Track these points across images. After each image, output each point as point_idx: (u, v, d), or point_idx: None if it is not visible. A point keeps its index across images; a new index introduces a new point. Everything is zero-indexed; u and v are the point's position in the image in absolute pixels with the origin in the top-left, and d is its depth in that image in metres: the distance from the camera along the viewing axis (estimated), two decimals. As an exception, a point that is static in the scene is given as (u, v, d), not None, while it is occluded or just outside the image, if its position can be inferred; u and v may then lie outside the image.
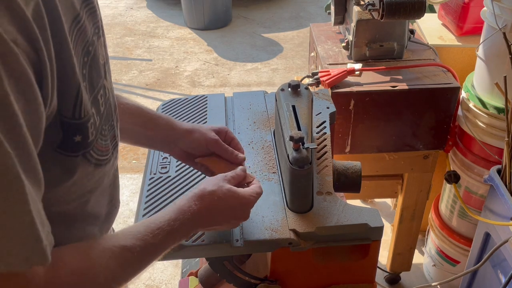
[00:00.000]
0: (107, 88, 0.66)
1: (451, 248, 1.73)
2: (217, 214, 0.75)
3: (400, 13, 1.33)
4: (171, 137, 0.91)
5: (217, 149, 0.91)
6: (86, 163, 0.60)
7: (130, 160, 2.75)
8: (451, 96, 1.42)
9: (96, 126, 0.60)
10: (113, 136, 0.69)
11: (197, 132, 0.91)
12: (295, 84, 1.05)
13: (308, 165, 0.86)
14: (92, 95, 0.60)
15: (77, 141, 0.56)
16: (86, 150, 0.59)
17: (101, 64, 0.64)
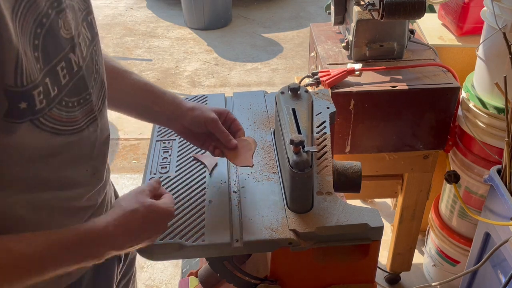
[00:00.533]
0: (75, 62, 0.67)
1: (451, 248, 1.73)
2: (140, 233, 0.75)
3: (400, 13, 1.33)
4: (175, 114, 0.95)
5: (214, 128, 0.93)
6: (35, 129, 0.61)
7: (130, 160, 2.75)
8: (451, 96, 1.42)
9: (50, 96, 0.62)
10: (89, 110, 0.71)
11: (198, 110, 0.94)
12: (295, 87, 1.05)
13: (308, 168, 0.86)
14: (48, 66, 0.62)
15: (23, 108, 0.58)
16: (34, 117, 0.60)
17: (63, 37, 0.64)
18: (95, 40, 0.74)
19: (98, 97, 0.74)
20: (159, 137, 1.13)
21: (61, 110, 0.65)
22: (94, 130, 0.73)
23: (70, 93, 0.66)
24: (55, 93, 0.63)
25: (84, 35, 0.70)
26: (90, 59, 0.71)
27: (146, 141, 2.85)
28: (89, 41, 0.72)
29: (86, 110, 0.70)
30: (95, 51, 0.74)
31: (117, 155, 2.80)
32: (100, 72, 0.75)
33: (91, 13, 0.73)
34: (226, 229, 0.89)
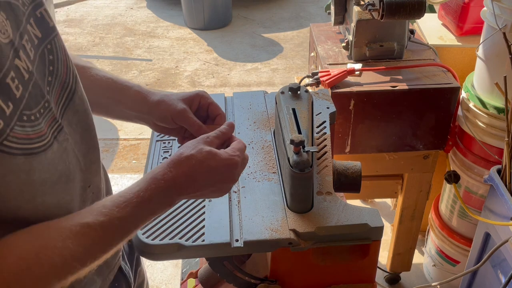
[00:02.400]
0: (24, 69, 0.57)
1: (451, 248, 1.73)
2: (198, 178, 0.69)
3: (400, 13, 1.33)
4: (142, 111, 0.85)
5: (183, 122, 0.83)
6: (5, 156, 0.53)
7: (130, 160, 2.76)
8: (451, 96, 1.42)
9: (6, 114, 0.53)
10: (52, 119, 0.62)
11: (164, 103, 0.84)
12: (295, 87, 1.05)
13: (308, 168, 0.86)
14: None
15: None
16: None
17: (2, 43, 0.54)
18: (50, 37, 0.64)
19: (58, 103, 0.64)
20: (159, 137, 1.13)
21: (24, 126, 0.56)
22: (64, 139, 0.63)
23: (28, 105, 0.57)
24: (11, 110, 0.54)
25: (31, 33, 0.60)
26: (40, 61, 0.61)
27: (146, 141, 2.85)
28: (39, 39, 0.62)
29: (49, 119, 0.61)
30: (48, 49, 0.63)
31: (117, 155, 2.80)
32: (58, 74, 0.64)
33: (41, 4, 0.63)
34: (226, 229, 0.89)
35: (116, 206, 0.62)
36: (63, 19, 4.51)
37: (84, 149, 0.68)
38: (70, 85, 0.67)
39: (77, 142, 0.66)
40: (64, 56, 0.66)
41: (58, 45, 0.65)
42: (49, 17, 0.64)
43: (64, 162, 0.62)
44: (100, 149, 0.74)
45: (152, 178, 0.67)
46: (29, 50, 0.59)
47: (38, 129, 0.58)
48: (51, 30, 0.64)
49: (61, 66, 0.65)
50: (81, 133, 0.68)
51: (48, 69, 0.62)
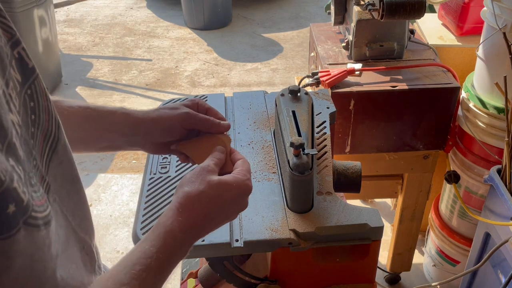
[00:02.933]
0: (16, 123, 0.49)
1: (451, 248, 1.73)
2: (214, 215, 0.64)
3: (400, 13, 1.33)
4: (137, 132, 0.77)
5: (193, 123, 0.76)
6: (34, 230, 0.46)
7: (130, 160, 2.76)
8: (451, 96, 1.42)
9: (23, 180, 0.46)
10: (41, 178, 0.53)
11: (165, 115, 0.77)
12: (295, 89, 1.05)
13: (308, 171, 0.86)
14: (5, 144, 0.45)
15: (12, 212, 0.42)
16: (26, 216, 0.44)
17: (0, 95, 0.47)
18: (30, 80, 0.54)
19: (42, 156, 0.55)
20: (159, 137, 1.13)
21: (36, 192, 0.48)
22: (53, 200, 0.55)
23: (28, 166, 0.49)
24: (23, 174, 0.46)
25: (14, 79, 0.51)
26: (24, 110, 0.52)
27: (146, 141, 2.84)
28: (20, 84, 0.52)
29: (39, 177, 0.52)
30: (29, 95, 0.53)
31: (117, 155, 2.80)
32: (40, 123, 0.55)
33: (18, 43, 0.53)
34: (226, 229, 0.89)
35: (136, 278, 0.55)
36: (63, 19, 4.51)
37: (72, 206, 0.59)
38: (53, 134, 0.57)
39: (64, 199, 0.57)
40: (45, 100, 0.56)
41: (39, 88, 0.55)
42: (27, 56, 0.54)
43: (61, 226, 0.55)
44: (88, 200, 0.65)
45: (167, 232, 0.60)
46: (14, 100, 0.50)
47: (41, 194, 0.50)
48: (31, 72, 0.54)
49: (42, 113, 0.56)
50: (67, 188, 0.59)
51: (30, 118, 0.53)
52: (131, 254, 0.58)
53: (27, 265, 0.45)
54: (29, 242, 0.45)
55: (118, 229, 2.31)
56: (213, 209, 0.64)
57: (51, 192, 0.55)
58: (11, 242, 0.42)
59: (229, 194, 0.65)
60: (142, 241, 0.60)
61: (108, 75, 3.62)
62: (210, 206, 0.63)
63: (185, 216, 0.61)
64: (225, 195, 0.64)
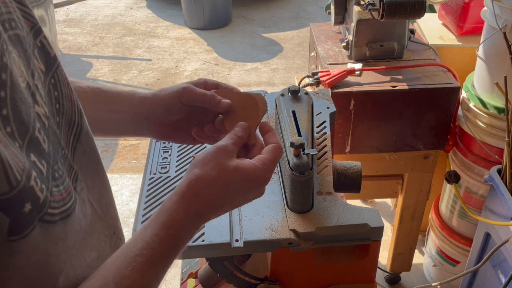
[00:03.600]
0: (43, 115, 0.48)
1: (451, 248, 1.73)
2: (224, 204, 0.60)
3: (400, 13, 1.33)
4: (142, 110, 0.73)
5: (190, 98, 0.71)
6: (48, 228, 0.45)
7: (130, 160, 2.75)
8: (451, 96, 1.42)
9: (44, 175, 0.45)
10: (69, 167, 0.53)
11: (166, 90, 0.73)
12: (295, 89, 1.05)
13: (308, 171, 0.86)
14: (26, 139, 0.44)
15: (28, 210, 0.42)
16: (42, 214, 0.44)
17: (23, 88, 0.45)
18: (53, 69, 0.54)
19: (67, 145, 0.54)
20: (159, 137, 1.13)
21: (58, 186, 0.48)
22: (81, 189, 0.55)
23: (55, 158, 0.49)
24: (46, 169, 0.46)
25: (38, 69, 0.50)
26: (48, 100, 0.51)
27: (146, 141, 2.85)
28: (44, 74, 0.52)
29: (67, 168, 0.52)
30: (53, 84, 0.53)
31: (117, 155, 2.80)
32: (65, 112, 0.54)
33: (40, 31, 0.52)
34: (226, 229, 0.89)
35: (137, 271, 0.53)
36: (63, 19, 4.51)
37: (97, 193, 0.59)
38: (77, 123, 0.57)
39: (89, 187, 0.57)
40: (68, 89, 0.56)
41: (61, 77, 0.55)
42: (49, 45, 0.54)
43: (85, 215, 0.54)
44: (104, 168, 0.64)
45: (172, 220, 0.56)
46: (41, 90, 0.50)
47: (67, 185, 0.50)
48: (53, 61, 0.54)
49: (66, 102, 0.55)
50: (91, 176, 0.58)
51: (55, 108, 0.53)
52: (134, 243, 0.55)
53: (42, 260, 0.45)
54: (43, 238, 0.44)
55: (118, 229, 2.30)
56: (223, 196, 0.59)
57: (78, 180, 0.54)
58: (26, 240, 0.42)
59: (243, 184, 0.60)
60: (145, 226, 0.57)
61: (108, 75, 3.62)
62: (221, 193, 0.59)
63: (192, 203, 0.57)
64: (239, 184, 0.60)
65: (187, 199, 0.57)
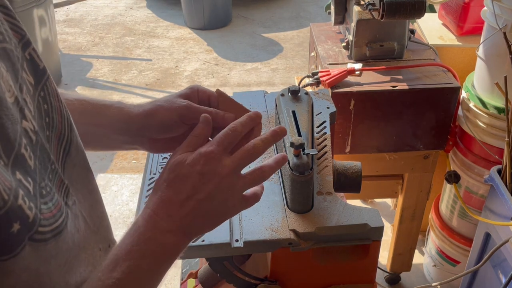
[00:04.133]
0: (31, 130, 0.47)
1: (451, 248, 1.73)
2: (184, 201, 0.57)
3: (400, 13, 1.33)
4: (130, 128, 0.70)
5: (194, 117, 0.67)
6: (40, 245, 0.44)
7: (130, 160, 2.75)
8: (451, 96, 1.42)
9: (31, 193, 0.44)
10: (60, 182, 0.52)
11: (162, 108, 0.69)
12: (295, 89, 1.05)
13: (308, 171, 0.86)
14: (12, 157, 0.43)
15: (17, 230, 0.41)
16: (32, 232, 0.43)
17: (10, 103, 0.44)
18: (42, 81, 0.52)
19: (57, 159, 0.53)
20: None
21: (47, 203, 0.47)
22: (73, 203, 0.54)
23: (41, 175, 0.47)
24: (33, 186, 0.45)
25: (27, 82, 0.49)
26: (38, 113, 0.50)
27: (146, 141, 2.84)
28: (33, 86, 0.50)
29: (57, 184, 0.51)
30: (42, 98, 0.52)
31: (117, 155, 2.80)
32: (54, 125, 0.53)
33: (29, 43, 0.51)
34: (226, 229, 0.89)
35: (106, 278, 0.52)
36: (63, 19, 4.51)
37: (88, 207, 0.58)
38: (66, 136, 0.56)
39: (80, 201, 0.56)
40: (57, 101, 0.54)
41: (51, 89, 0.54)
42: (38, 57, 0.52)
43: (78, 230, 0.53)
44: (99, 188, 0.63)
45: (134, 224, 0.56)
46: (29, 104, 0.48)
47: (56, 201, 0.49)
48: (42, 73, 0.53)
49: (55, 115, 0.54)
50: (82, 190, 0.58)
51: (44, 121, 0.52)
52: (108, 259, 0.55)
53: (33, 280, 0.44)
54: (34, 257, 0.44)
55: (118, 229, 2.30)
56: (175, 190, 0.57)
57: (70, 195, 0.53)
58: (17, 260, 0.42)
59: (185, 168, 0.57)
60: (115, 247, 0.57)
61: (108, 75, 3.62)
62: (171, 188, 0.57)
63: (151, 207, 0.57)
64: (182, 171, 0.57)
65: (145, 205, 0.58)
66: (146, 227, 0.56)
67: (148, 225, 0.56)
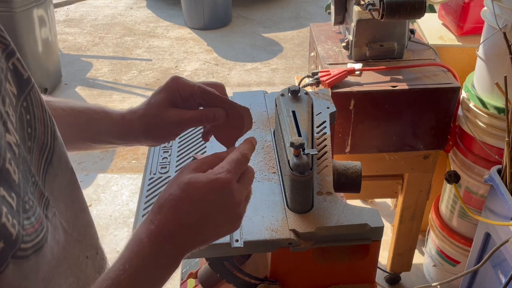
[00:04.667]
0: (14, 144, 0.46)
1: (451, 248, 1.73)
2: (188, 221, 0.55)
3: (400, 13, 1.33)
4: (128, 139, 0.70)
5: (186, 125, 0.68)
6: (23, 262, 0.44)
7: (130, 160, 2.75)
8: (451, 96, 1.42)
9: (14, 209, 0.43)
10: (40, 194, 0.50)
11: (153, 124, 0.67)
12: (295, 89, 1.05)
13: (308, 171, 0.86)
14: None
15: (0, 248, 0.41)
16: (15, 250, 0.42)
17: None
18: (26, 91, 0.51)
19: (39, 170, 0.52)
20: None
21: (29, 218, 0.46)
22: (53, 215, 0.52)
23: (25, 189, 0.46)
24: (16, 202, 0.44)
25: (9, 93, 0.48)
26: (20, 125, 0.49)
27: (146, 141, 2.84)
28: (16, 97, 0.49)
29: (37, 197, 0.50)
30: (25, 108, 0.51)
31: (117, 155, 2.80)
32: (36, 135, 0.52)
33: (13, 53, 0.50)
34: (226, 229, 0.89)
35: None
36: (63, 19, 4.51)
37: (72, 216, 0.57)
38: (49, 145, 0.54)
39: (62, 211, 0.55)
40: (41, 111, 0.53)
41: (34, 99, 0.52)
42: (22, 67, 0.51)
43: (57, 242, 0.51)
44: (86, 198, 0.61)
45: (134, 240, 0.54)
46: (11, 116, 0.47)
47: (38, 215, 0.47)
48: (26, 83, 0.51)
49: (38, 125, 0.53)
50: (64, 200, 0.56)
51: (26, 132, 0.50)
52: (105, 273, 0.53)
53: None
54: (17, 274, 0.43)
55: (118, 229, 2.30)
56: (183, 212, 0.55)
57: (50, 206, 0.52)
58: (0, 278, 0.41)
59: (198, 193, 0.55)
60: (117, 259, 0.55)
61: (108, 75, 3.62)
62: (179, 209, 0.55)
63: (156, 224, 0.54)
64: (193, 194, 0.55)
65: (152, 220, 0.55)
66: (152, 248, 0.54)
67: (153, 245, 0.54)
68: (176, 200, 0.55)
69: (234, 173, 0.57)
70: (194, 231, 0.56)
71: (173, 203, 0.55)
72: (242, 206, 0.59)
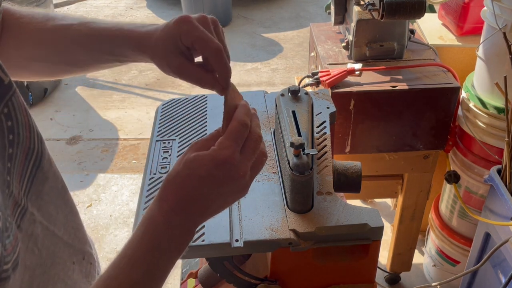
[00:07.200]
0: None
1: (451, 248, 1.73)
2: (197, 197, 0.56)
3: (400, 13, 1.33)
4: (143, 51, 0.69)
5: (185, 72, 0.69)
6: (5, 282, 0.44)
7: (130, 160, 2.75)
8: (451, 96, 1.42)
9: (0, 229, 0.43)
10: (14, 205, 0.49)
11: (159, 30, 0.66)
12: (295, 89, 1.05)
13: (308, 171, 0.86)
14: None
15: None
16: None
17: None
18: (6, 97, 0.50)
19: (22, 177, 0.51)
20: (159, 137, 1.13)
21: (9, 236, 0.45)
22: (30, 223, 0.51)
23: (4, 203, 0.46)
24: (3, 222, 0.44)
25: None
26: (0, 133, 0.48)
27: (146, 141, 2.85)
28: None
29: (11, 208, 0.48)
30: (5, 114, 0.49)
31: (116, 155, 2.80)
32: (20, 141, 0.51)
33: None
34: (226, 229, 0.89)
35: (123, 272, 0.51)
36: (63, 19, 4.51)
37: (62, 219, 0.56)
38: (36, 150, 0.53)
39: (52, 215, 0.54)
40: (25, 116, 0.52)
41: (17, 104, 0.51)
42: (3, 72, 0.49)
43: (33, 252, 0.50)
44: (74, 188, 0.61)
45: (147, 218, 0.55)
46: None
47: (14, 230, 0.46)
48: (7, 89, 0.50)
49: (22, 130, 0.51)
50: (54, 203, 0.56)
51: (7, 139, 0.49)
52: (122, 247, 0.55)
53: None
54: None
55: (118, 229, 2.31)
56: (191, 187, 0.55)
57: (26, 216, 0.50)
58: None
59: (203, 170, 0.55)
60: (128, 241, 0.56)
61: (108, 75, 3.62)
62: (187, 185, 0.55)
63: (166, 200, 0.55)
64: (199, 171, 0.55)
65: (160, 197, 0.56)
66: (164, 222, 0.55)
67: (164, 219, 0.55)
68: (183, 177, 0.55)
69: (235, 146, 0.57)
70: (203, 203, 0.57)
71: (180, 180, 0.55)
72: (248, 176, 0.59)
